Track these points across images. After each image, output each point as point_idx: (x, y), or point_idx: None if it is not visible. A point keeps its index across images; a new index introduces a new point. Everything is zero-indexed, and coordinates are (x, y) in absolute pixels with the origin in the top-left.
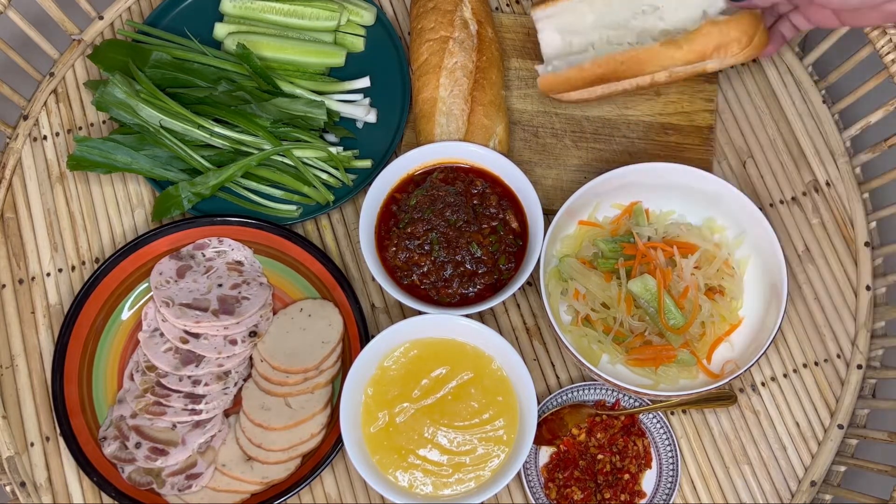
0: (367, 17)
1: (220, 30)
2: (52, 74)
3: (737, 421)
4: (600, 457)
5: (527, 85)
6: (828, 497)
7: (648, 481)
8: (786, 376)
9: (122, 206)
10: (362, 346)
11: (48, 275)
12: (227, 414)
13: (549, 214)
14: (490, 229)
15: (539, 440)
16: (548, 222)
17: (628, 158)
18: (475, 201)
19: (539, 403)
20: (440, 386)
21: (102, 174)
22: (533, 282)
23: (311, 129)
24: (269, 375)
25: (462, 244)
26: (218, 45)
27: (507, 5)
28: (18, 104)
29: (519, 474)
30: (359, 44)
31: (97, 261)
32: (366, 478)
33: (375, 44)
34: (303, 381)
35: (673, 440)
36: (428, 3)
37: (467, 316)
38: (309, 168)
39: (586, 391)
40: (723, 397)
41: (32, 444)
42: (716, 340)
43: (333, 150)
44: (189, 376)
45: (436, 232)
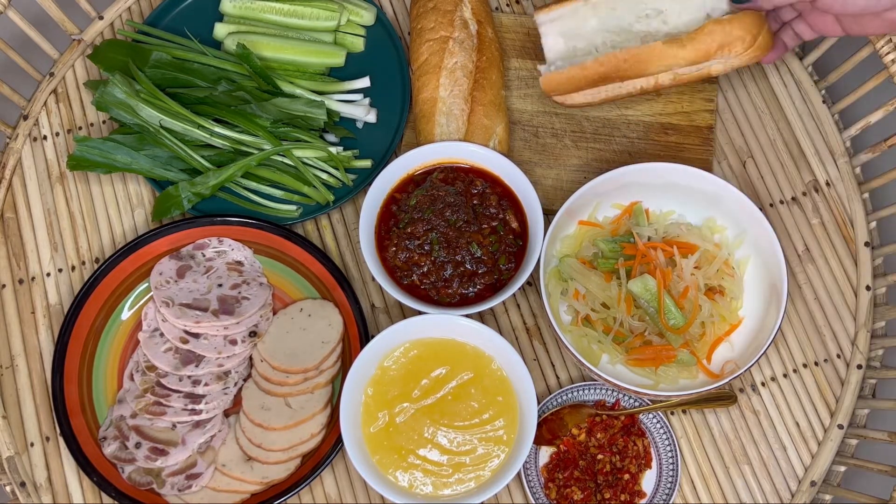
0: (367, 17)
1: (220, 30)
2: (52, 74)
3: (737, 421)
4: (600, 457)
5: (527, 85)
6: (828, 497)
7: (648, 481)
8: (786, 376)
9: (122, 206)
10: (362, 346)
11: (48, 275)
12: (227, 414)
13: (549, 214)
14: (490, 229)
15: (539, 440)
16: (548, 222)
17: (628, 158)
18: (475, 201)
19: (539, 403)
20: (440, 386)
21: (102, 174)
22: (533, 282)
23: (311, 129)
24: (269, 375)
25: (462, 244)
26: (218, 45)
27: (507, 5)
28: (18, 104)
29: (519, 474)
30: (359, 44)
31: (97, 261)
32: (366, 478)
33: (375, 44)
34: (303, 381)
35: (673, 440)
36: (428, 3)
37: (467, 316)
38: (309, 168)
39: (586, 391)
40: (723, 397)
41: (32, 444)
42: (716, 340)
43: (333, 150)
44: (189, 376)
45: (436, 232)
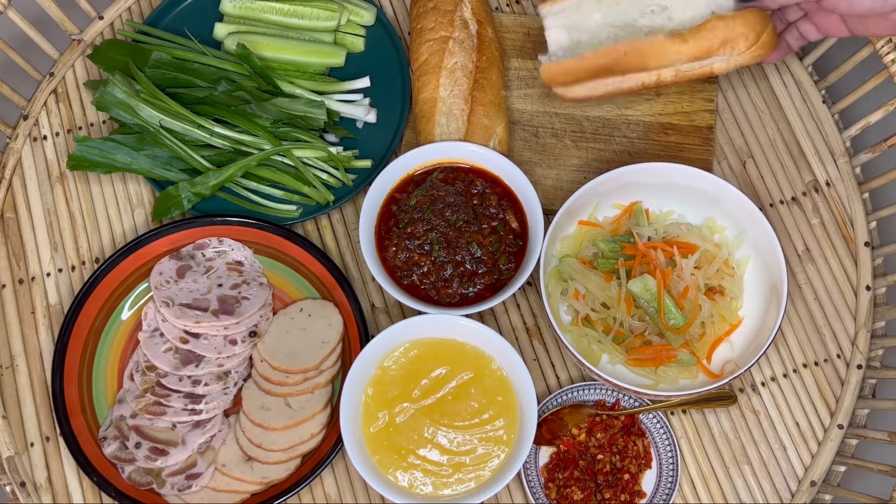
0: (367, 17)
1: (220, 30)
2: (52, 74)
3: (737, 421)
4: (600, 457)
5: (527, 85)
6: (828, 497)
7: (648, 481)
8: (786, 376)
9: (122, 206)
10: (362, 346)
11: (48, 275)
12: (227, 414)
13: (549, 214)
14: (490, 229)
15: (539, 440)
16: (548, 222)
17: (628, 158)
18: (475, 201)
19: (539, 403)
20: (440, 386)
21: (102, 174)
22: (533, 282)
23: (311, 129)
24: (269, 375)
25: (462, 244)
26: (218, 45)
27: (507, 5)
28: (18, 104)
29: (519, 474)
30: (359, 44)
31: (97, 261)
32: (366, 478)
33: (375, 44)
34: (303, 381)
35: (673, 440)
36: (428, 3)
37: (467, 316)
38: (309, 168)
39: (586, 391)
40: (723, 397)
41: (32, 444)
42: (716, 340)
43: (333, 150)
44: (189, 376)
45: (436, 232)
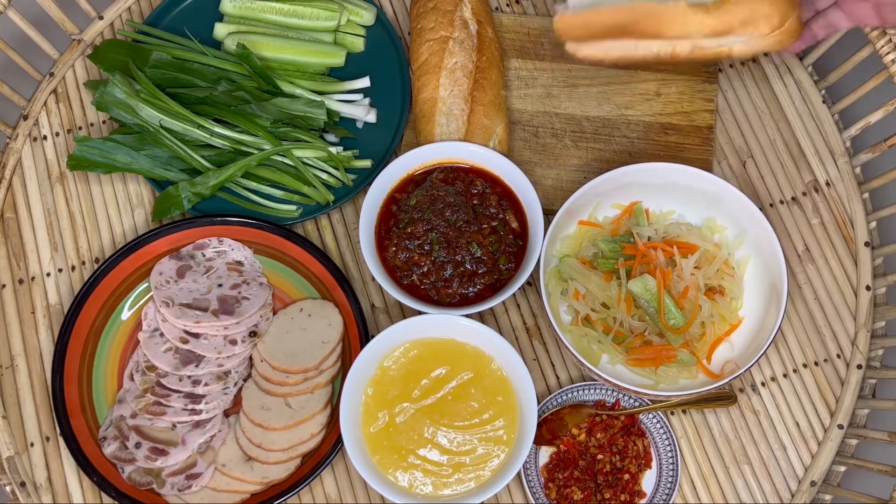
0: (367, 17)
1: (220, 30)
2: (52, 74)
3: (737, 421)
4: (600, 457)
5: (527, 85)
6: (828, 497)
7: (648, 481)
8: (786, 376)
9: (122, 206)
10: (362, 346)
11: (48, 275)
12: (227, 414)
13: (549, 214)
14: (490, 229)
15: (539, 440)
16: (548, 222)
17: (628, 158)
18: (475, 201)
19: (539, 403)
20: (440, 386)
21: (102, 174)
22: (533, 282)
23: (311, 129)
24: (269, 375)
25: (462, 244)
26: (218, 45)
27: (507, 5)
28: (18, 104)
29: (519, 474)
30: (359, 44)
31: (97, 261)
32: (366, 478)
33: (375, 44)
34: (303, 381)
35: (673, 440)
36: (428, 3)
37: (467, 316)
38: (309, 168)
39: (586, 391)
40: (723, 397)
41: (32, 444)
42: (716, 340)
43: (333, 150)
44: (189, 376)
45: (436, 232)
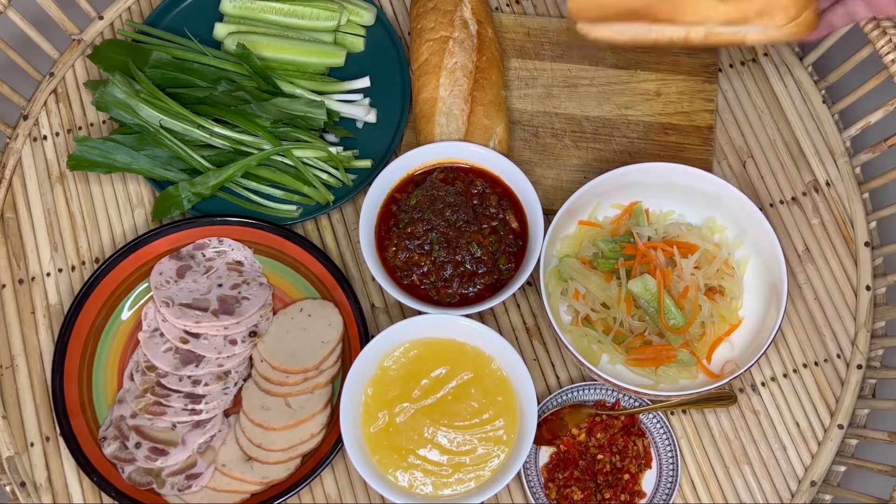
0: (367, 17)
1: (220, 30)
2: (52, 74)
3: (737, 421)
4: (600, 457)
5: (527, 85)
6: (828, 497)
7: (648, 481)
8: (786, 376)
9: (122, 206)
10: (362, 346)
11: (48, 275)
12: (227, 414)
13: (549, 214)
14: (490, 229)
15: (539, 440)
16: (548, 222)
17: (628, 158)
18: (475, 201)
19: (539, 403)
20: (440, 386)
21: (102, 174)
22: (533, 282)
23: (311, 129)
24: (269, 375)
25: (462, 244)
26: (218, 45)
27: (507, 5)
28: (18, 104)
29: (519, 474)
30: (359, 44)
31: (97, 261)
32: (366, 478)
33: (375, 44)
34: (303, 381)
35: (673, 440)
36: (428, 3)
37: (467, 316)
38: (309, 168)
39: (586, 391)
40: (723, 397)
41: (32, 444)
42: (716, 340)
43: (333, 150)
44: (189, 376)
45: (436, 232)
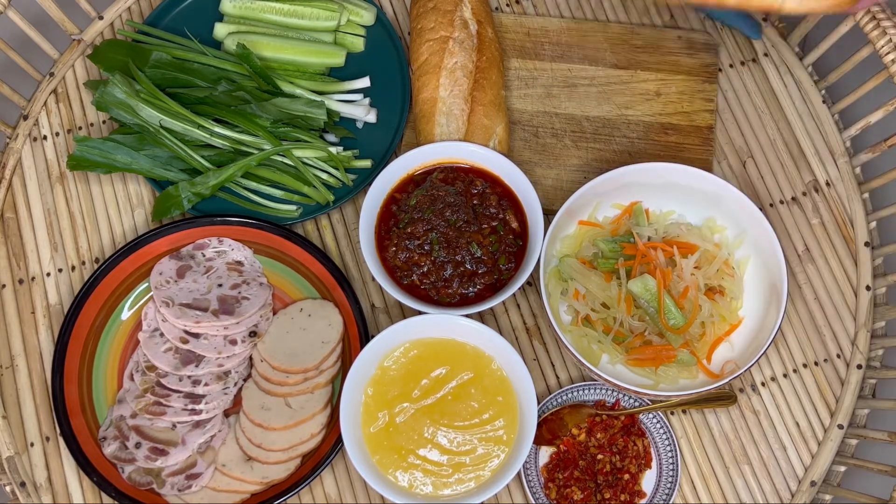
0: (367, 17)
1: (220, 30)
2: (52, 74)
3: (737, 421)
4: (600, 457)
5: (527, 85)
6: (828, 497)
7: (648, 481)
8: (786, 376)
9: (122, 206)
10: (362, 346)
11: (48, 275)
12: (227, 414)
13: (549, 214)
14: (490, 229)
15: (539, 440)
16: (548, 222)
17: (628, 158)
18: (475, 201)
19: (539, 403)
20: (440, 386)
21: (102, 174)
22: (533, 282)
23: (311, 129)
24: (269, 375)
25: (462, 244)
26: (218, 45)
27: (507, 5)
28: (18, 104)
29: (519, 474)
30: (359, 44)
31: (97, 261)
32: (366, 478)
33: (375, 44)
34: (303, 381)
35: (673, 440)
36: (428, 3)
37: (467, 316)
38: (309, 168)
39: (586, 391)
40: (723, 397)
41: (32, 444)
42: (716, 340)
43: (333, 150)
44: (189, 376)
45: (436, 232)
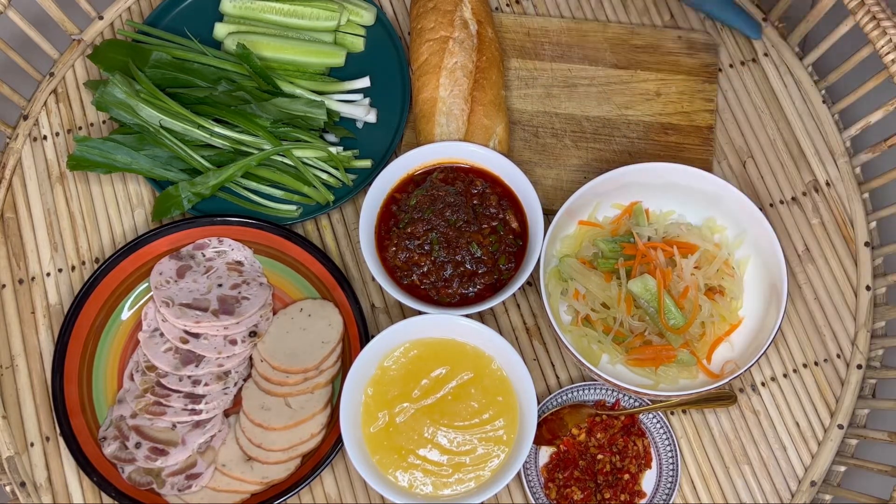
0: (367, 17)
1: (220, 30)
2: (52, 74)
3: (737, 421)
4: (600, 457)
5: (527, 85)
6: (828, 497)
7: (648, 481)
8: (786, 376)
9: (122, 206)
10: (362, 346)
11: (48, 275)
12: (227, 414)
13: (549, 214)
14: (490, 229)
15: (539, 440)
16: (548, 222)
17: (628, 158)
18: (475, 201)
19: (539, 403)
20: (440, 386)
21: (102, 174)
22: (533, 282)
23: (311, 129)
24: (269, 375)
25: (462, 244)
26: (218, 45)
27: (507, 5)
28: (18, 104)
29: (519, 474)
30: (359, 44)
31: (97, 261)
32: (366, 478)
33: (375, 44)
34: (303, 381)
35: (673, 440)
36: (428, 3)
37: (467, 316)
38: (309, 168)
39: (586, 391)
40: (723, 397)
41: (32, 444)
42: (716, 340)
43: (333, 150)
44: (189, 376)
45: (436, 232)
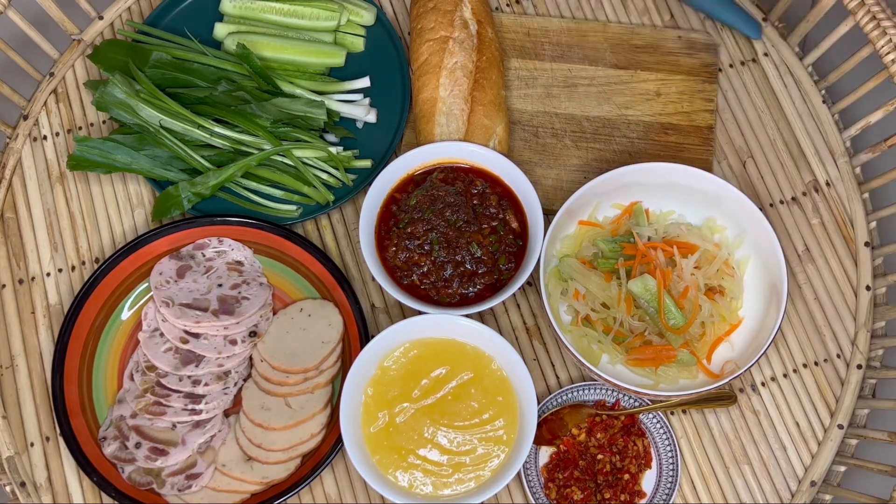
0: (367, 17)
1: (220, 30)
2: (52, 74)
3: (737, 421)
4: (600, 457)
5: (527, 85)
6: (828, 497)
7: (648, 481)
8: (786, 376)
9: (122, 206)
10: (362, 346)
11: (48, 275)
12: (227, 414)
13: (549, 214)
14: (490, 229)
15: (539, 440)
16: (548, 222)
17: (628, 158)
18: (475, 201)
19: (539, 403)
20: (440, 386)
21: (102, 174)
22: (533, 282)
23: (311, 129)
24: (269, 375)
25: (462, 244)
26: (218, 45)
27: (507, 5)
28: (18, 104)
29: (519, 474)
30: (359, 44)
31: (97, 261)
32: (366, 478)
33: (375, 44)
34: (303, 381)
35: (673, 440)
36: (428, 3)
37: (467, 316)
38: (309, 168)
39: (586, 391)
40: (723, 397)
41: (32, 444)
42: (716, 340)
43: (333, 150)
44: (189, 376)
45: (436, 232)
